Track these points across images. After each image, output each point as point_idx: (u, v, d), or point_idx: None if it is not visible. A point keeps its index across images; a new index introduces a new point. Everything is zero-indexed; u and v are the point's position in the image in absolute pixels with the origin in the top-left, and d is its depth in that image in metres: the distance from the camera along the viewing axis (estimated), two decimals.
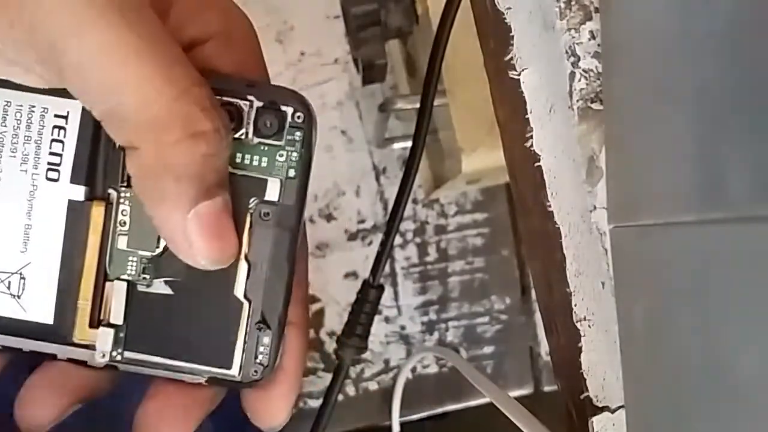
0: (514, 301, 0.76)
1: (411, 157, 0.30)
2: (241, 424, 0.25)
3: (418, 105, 0.29)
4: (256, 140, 0.22)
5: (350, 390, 0.74)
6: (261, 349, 0.22)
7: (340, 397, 0.26)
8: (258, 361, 0.22)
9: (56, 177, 0.21)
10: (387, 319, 0.75)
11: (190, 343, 0.22)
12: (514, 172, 0.26)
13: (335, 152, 0.73)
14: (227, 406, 0.23)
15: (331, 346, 0.74)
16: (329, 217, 0.75)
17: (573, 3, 0.23)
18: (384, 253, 0.30)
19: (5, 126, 0.21)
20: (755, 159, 0.16)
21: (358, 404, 0.74)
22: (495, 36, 0.24)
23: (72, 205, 0.21)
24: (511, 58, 0.24)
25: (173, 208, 0.20)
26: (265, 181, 0.22)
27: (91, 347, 0.22)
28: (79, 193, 0.21)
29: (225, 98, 0.21)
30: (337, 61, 0.74)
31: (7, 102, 0.21)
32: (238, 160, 0.22)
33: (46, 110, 0.21)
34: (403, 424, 0.71)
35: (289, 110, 0.22)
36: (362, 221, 0.75)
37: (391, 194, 0.78)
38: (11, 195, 0.21)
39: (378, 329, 0.74)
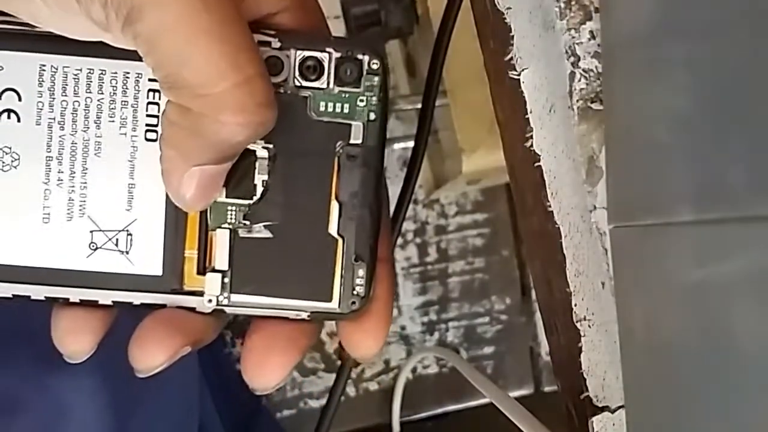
0: (514, 301, 0.76)
1: (413, 157, 0.30)
2: (249, 413, 0.25)
3: (418, 105, 0.29)
4: (338, 89, 0.23)
5: (351, 390, 0.74)
6: (357, 281, 0.23)
7: (341, 397, 0.27)
8: (355, 292, 0.23)
9: (155, 137, 0.23)
10: None
11: (291, 282, 0.23)
12: (514, 172, 0.26)
13: None
14: (234, 396, 0.24)
15: (332, 346, 0.74)
16: None
17: (573, 3, 0.23)
18: None
19: (102, 93, 0.22)
20: (755, 159, 0.16)
21: (358, 404, 0.74)
22: (495, 36, 0.24)
23: None
24: (511, 58, 0.24)
25: (177, 168, 0.21)
26: (349, 125, 0.23)
27: (198, 294, 0.23)
28: None
29: (305, 53, 0.23)
30: None
31: (102, 70, 0.22)
32: (322, 108, 0.23)
33: (140, 75, 0.22)
34: (403, 424, 0.71)
35: (365, 58, 0.23)
36: None
37: (392, 194, 0.78)
38: (113, 158, 0.22)
39: None
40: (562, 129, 0.23)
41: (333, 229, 0.23)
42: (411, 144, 0.29)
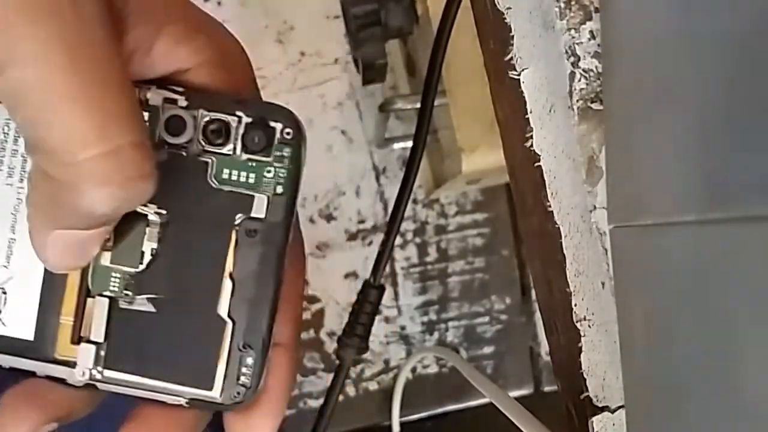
0: (514, 301, 0.76)
1: (412, 157, 0.30)
2: None
3: (418, 105, 0.29)
4: (245, 156, 0.21)
5: (350, 390, 0.74)
6: (244, 370, 0.22)
7: (340, 397, 0.26)
8: (240, 382, 0.22)
9: None
10: (387, 319, 0.75)
11: (171, 363, 0.22)
12: (514, 172, 0.26)
13: (335, 152, 0.73)
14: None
15: (331, 346, 0.74)
16: (329, 217, 0.75)
17: (573, 3, 0.23)
18: (385, 253, 0.29)
19: None
20: (755, 159, 0.16)
21: (358, 404, 0.74)
22: (495, 36, 0.24)
23: None
24: (511, 58, 0.24)
25: (39, 231, 0.19)
26: (252, 197, 0.21)
27: (71, 364, 0.22)
28: None
29: (212, 114, 0.21)
30: (337, 61, 0.74)
31: None
32: (225, 176, 0.21)
33: None
34: (403, 424, 0.71)
35: (278, 126, 0.21)
36: (362, 221, 0.75)
37: (391, 194, 0.78)
38: None
39: (378, 329, 0.74)
40: (562, 129, 0.23)
41: (223, 310, 0.21)
42: (410, 143, 0.29)
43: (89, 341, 0.21)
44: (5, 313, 0.21)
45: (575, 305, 0.24)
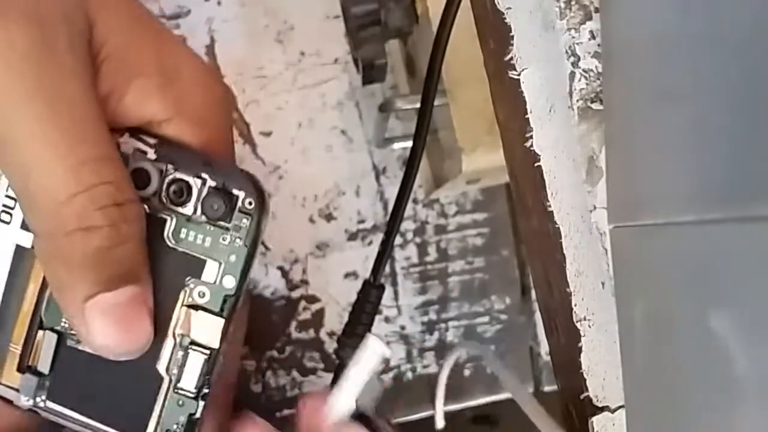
0: (514, 301, 0.76)
1: (411, 157, 0.30)
2: None
3: (418, 105, 0.29)
4: (203, 219, 0.22)
5: None
6: (175, 427, 0.22)
7: None
8: None
9: (9, 220, 0.21)
10: (387, 319, 0.75)
11: (107, 406, 0.22)
12: (514, 172, 0.26)
13: (335, 152, 0.73)
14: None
15: (331, 346, 0.74)
16: (329, 217, 0.75)
17: (573, 3, 0.23)
18: (385, 253, 0.29)
19: None
20: (755, 159, 0.16)
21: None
22: (495, 36, 0.24)
23: (18, 250, 0.22)
24: (511, 58, 0.24)
25: (70, 297, 0.20)
26: (205, 261, 0.22)
27: (15, 389, 0.22)
28: (27, 239, 0.22)
29: (177, 173, 0.21)
30: (337, 61, 0.74)
31: None
32: (182, 236, 0.22)
33: None
34: (405, 424, 0.71)
35: (241, 195, 0.22)
36: (362, 221, 0.75)
37: (391, 194, 0.78)
38: None
39: (378, 329, 0.74)
40: (562, 129, 0.23)
41: (162, 365, 0.22)
42: (410, 143, 0.29)
43: (35, 372, 0.22)
44: None
45: (575, 305, 0.24)
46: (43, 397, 0.22)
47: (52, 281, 0.20)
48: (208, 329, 0.22)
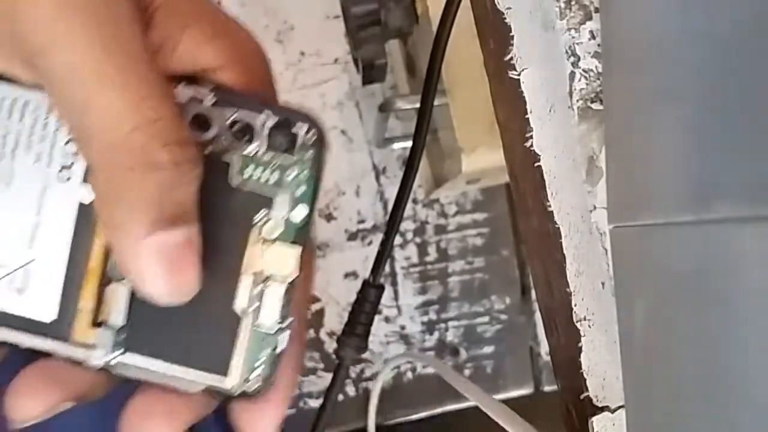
0: (514, 301, 0.76)
1: (411, 157, 0.30)
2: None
3: (418, 105, 0.29)
4: (267, 156, 0.22)
5: (350, 390, 0.74)
6: (259, 363, 0.22)
7: (340, 397, 0.26)
8: (255, 374, 0.22)
9: (69, 177, 0.22)
10: (387, 319, 0.75)
11: (188, 350, 0.22)
12: (514, 172, 0.26)
13: (335, 152, 0.73)
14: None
15: (331, 346, 0.74)
16: (329, 217, 0.75)
17: (573, 3, 0.23)
18: (384, 253, 0.29)
19: (22, 123, 0.21)
20: (754, 159, 0.16)
21: (358, 404, 0.74)
22: (495, 36, 0.24)
23: (82, 206, 0.22)
24: (511, 58, 0.24)
25: (125, 236, 0.20)
26: (273, 196, 0.22)
27: (89, 347, 0.22)
28: (89, 196, 0.21)
29: (237, 114, 0.21)
30: (337, 61, 0.74)
31: (26, 102, 0.21)
32: (247, 175, 0.22)
33: None
34: (401, 425, 0.71)
35: (302, 129, 0.22)
36: (362, 221, 0.75)
37: (391, 194, 0.78)
38: (22, 191, 0.21)
39: (378, 329, 0.74)
40: (562, 129, 0.23)
41: (239, 305, 0.22)
42: (410, 143, 0.29)
43: (108, 325, 0.22)
44: (27, 293, 0.22)
45: (575, 305, 0.24)
46: (118, 352, 0.22)
47: (108, 220, 0.20)
48: (284, 261, 0.22)
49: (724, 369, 0.17)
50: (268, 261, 0.22)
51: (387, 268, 0.73)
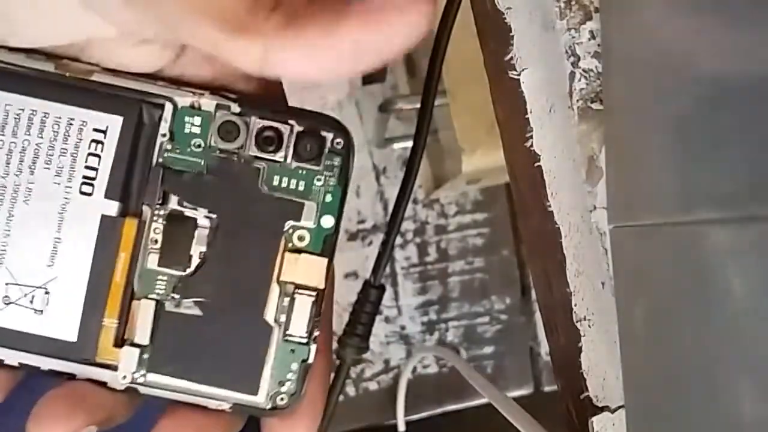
0: (514, 301, 0.76)
1: (412, 157, 0.30)
2: None
3: (418, 105, 0.29)
4: (295, 164, 0.22)
5: (350, 390, 0.74)
6: (289, 375, 0.22)
7: (340, 397, 0.26)
8: (285, 388, 0.22)
9: (90, 191, 0.21)
10: (387, 319, 0.75)
11: (216, 367, 0.22)
12: (514, 172, 0.26)
13: None
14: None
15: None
16: None
17: (573, 3, 0.23)
18: (385, 253, 0.29)
19: (41, 137, 0.21)
20: (755, 159, 0.16)
21: (358, 404, 0.74)
22: (495, 36, 0.24)
23: (104, 220, 0.21)
24: (511, 58, 0.24)
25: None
26: (302, 204, 0.22)
27: (113, 368, 0.21)
28: (112, 208, 0.21)
29: (265, 122, 0.21)
30: None
31: (45, 113, 0.21)
32: (275, 183, 0.22)
33: (84, 124, 0.21)
34: (406, 423, 0.71)
35: (329, 136, 0.22)
36: (362, 221, 0.75)
37: (391, 194, 0.78)
38: (42, 207, 0.21)
39: (378, 329, 0.74)
40: (562, 129, 0.23)
41: (270, 315, 0.21)
42: (410, 143, 0.29)
43: (133, 344, 0.21)
44: (48, 313, 0.21)
45: (575, 305, 0.24)
46: (144, 371, 0.21)
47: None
48: (313, 271, 0.22)
49: (725, 369, 0.17)
50: (298, 270, 0.22)
51: (387, 269, 0.73)
